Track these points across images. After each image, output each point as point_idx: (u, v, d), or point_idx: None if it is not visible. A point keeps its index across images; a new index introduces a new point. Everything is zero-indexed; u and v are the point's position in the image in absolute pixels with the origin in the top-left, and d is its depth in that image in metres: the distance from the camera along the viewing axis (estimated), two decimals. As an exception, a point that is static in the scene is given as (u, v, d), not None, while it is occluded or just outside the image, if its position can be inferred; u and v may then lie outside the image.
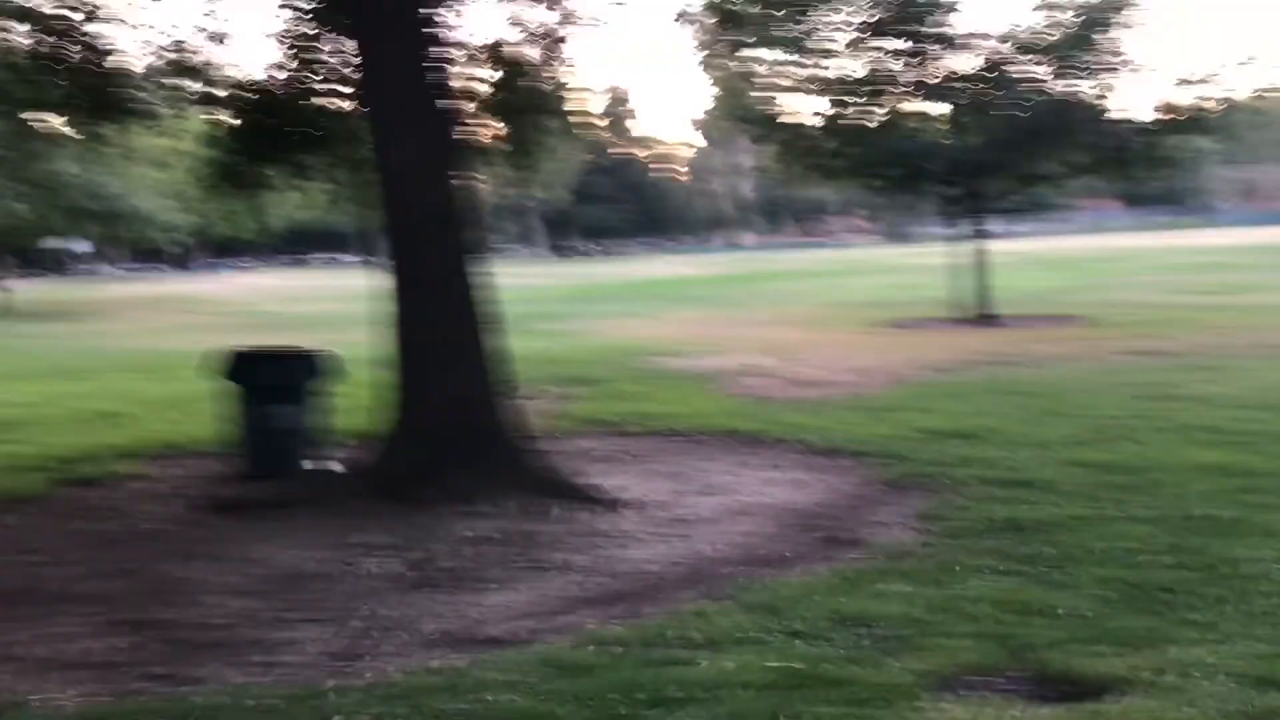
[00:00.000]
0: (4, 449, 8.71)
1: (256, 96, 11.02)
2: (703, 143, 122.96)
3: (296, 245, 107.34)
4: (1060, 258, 41.51)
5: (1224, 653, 3.72)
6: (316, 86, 10.97)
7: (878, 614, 4.31)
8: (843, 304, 24.83)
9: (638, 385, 11.88)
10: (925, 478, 6.83)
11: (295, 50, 10.97)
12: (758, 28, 17.06)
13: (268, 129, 11.07)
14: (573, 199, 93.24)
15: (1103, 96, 16.97)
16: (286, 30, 10.95)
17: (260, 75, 11.01)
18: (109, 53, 10.40)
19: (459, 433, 6.49)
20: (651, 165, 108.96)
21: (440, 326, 6.54)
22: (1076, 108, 16.86)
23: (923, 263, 47.93)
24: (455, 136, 6.84)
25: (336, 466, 7.68)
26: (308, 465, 7.48)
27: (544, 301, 29.60)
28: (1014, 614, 4.26)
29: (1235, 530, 5.20)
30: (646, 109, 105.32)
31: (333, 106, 11.16)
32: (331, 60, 11.06)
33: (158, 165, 33.38)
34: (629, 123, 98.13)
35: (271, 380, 7.37)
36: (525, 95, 11.35)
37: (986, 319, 18.05)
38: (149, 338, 22.32)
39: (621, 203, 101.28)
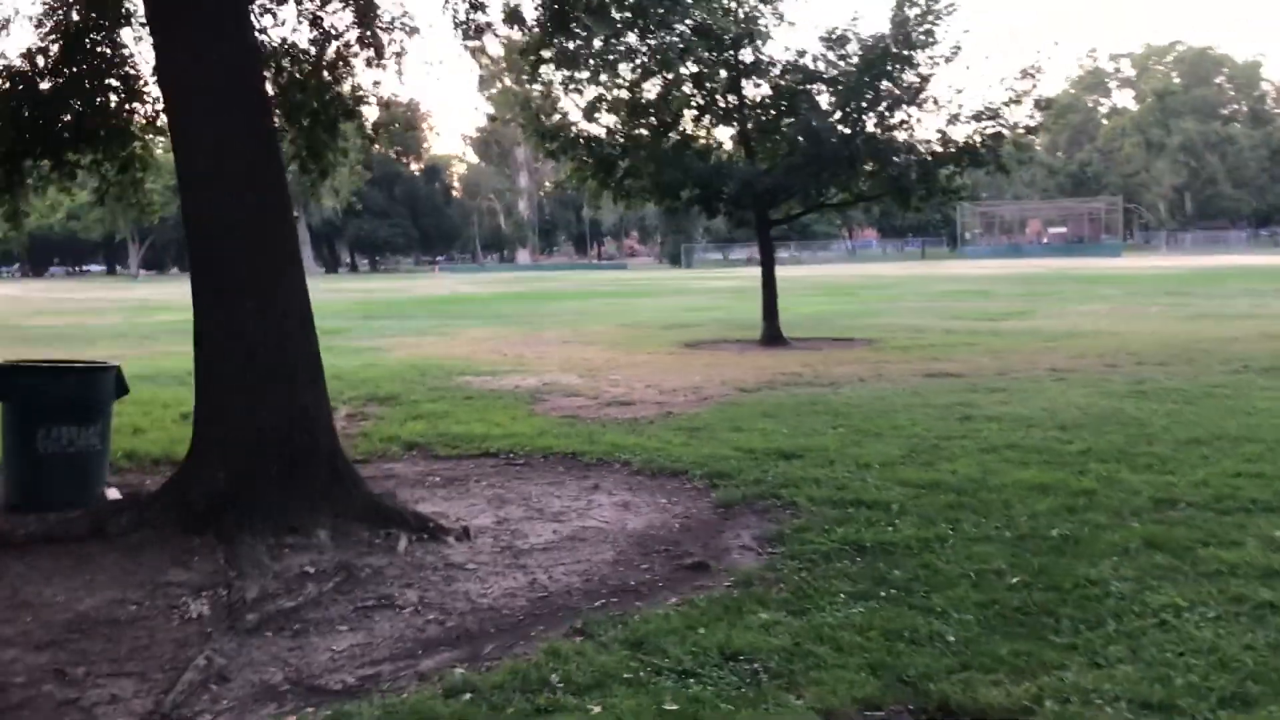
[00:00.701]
0: None
1: (16, 85, 10.03)
2: (477, 160, 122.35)
3: (33, 255, 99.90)
4: (829, 284, 43.26)
5: (1114, 677, 3.72)
6: (87, 81, 10.10)
7: (753, 646, 4.12)
8: (635, 324, 24.93)
9: (439, 404, 11.41)
10: (757, 499, 6.75)
11: (60, 38, 10.08)
12: (556, 45, 16.92)
13: (31, 122, 10.13)
14: (342, 211, 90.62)
15: (889, 128, 17.67)
16: (48, 13, 10.03)
17: (19, 62, 10.03)
18: None
19: (272, 455, 5.91)
20: (427, 180, 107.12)
21: (250, 337, 5.94)
22: (862, 138, 17.48)
23: (703, 285, 49.24)
24: (267, 134, 6.26)
25: (115, 494, 6.91)
26: (102, 493, 6.68)
27: (321, 316, 28.39)
28: (895, 642, 4.16)
29: (1074, 549, 5.32)
30: (422, 122, 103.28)
31: (100, 101, 10.31)
32: (102, 51, 10.24)
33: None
34: (407, 135, 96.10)
35: (50, 397, 6.52)
36: (319, 98, 10.79)
37: (775, 340, 18.43)
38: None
39: (394, 217, 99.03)
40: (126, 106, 10.58)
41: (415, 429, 9.82)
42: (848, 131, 17.65)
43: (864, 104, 17.65)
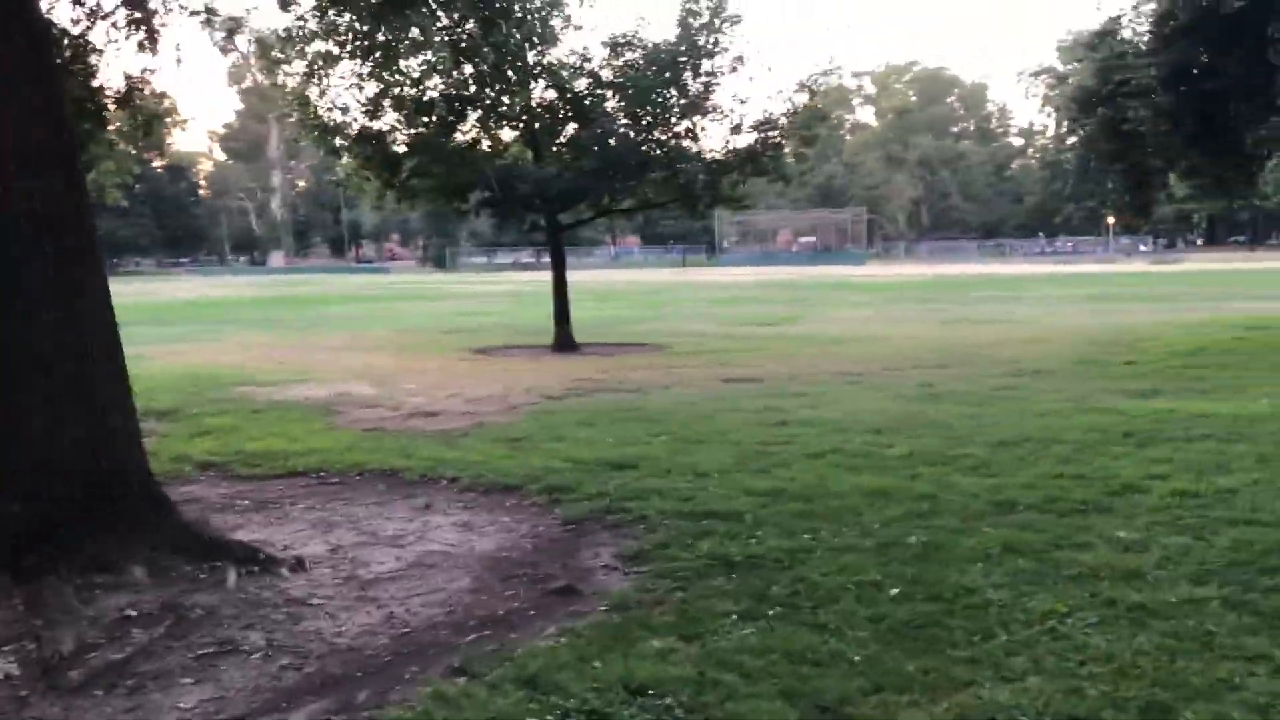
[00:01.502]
0: None
1: None
2: (224, 157, 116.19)
3: None
4: (599, 289, 43.57)
5: (1028, 691, 3.70)
6: None
7: (657, 679, 3.88)
8: (413, 329, 24.18)
9: (225, 418, 10.58)
10: (604, 513, 6.50)
11: None
12: (333, 38, 16.14)
13: None
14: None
15: (677, 135, 17.81)
16: None
17: None
18: None
19: (76, 483, 5.18)
20: (172, 178, 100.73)
21: (48, 351, 5.17)
22: (652, 144, 17.56)
23: (472, 290, 48.50)
24: (60, 119, 5.49)
25: None
26: None
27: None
28: (799, 665, 4.01)
29: (938, 556, 5.34)
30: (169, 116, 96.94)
31: None
32: None
33: None
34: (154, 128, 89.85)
35: None
36: (84, 84, 9.82)
37: (568, 346, 18.26)
38: None
39: (135, 216, 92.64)
40: None
41: (205, 446, 9.02)
42: (636, 138, 17.70)
43: (653, 110, 17.73)
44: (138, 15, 10.09)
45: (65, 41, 9.64)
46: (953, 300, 31.57)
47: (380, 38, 16.53)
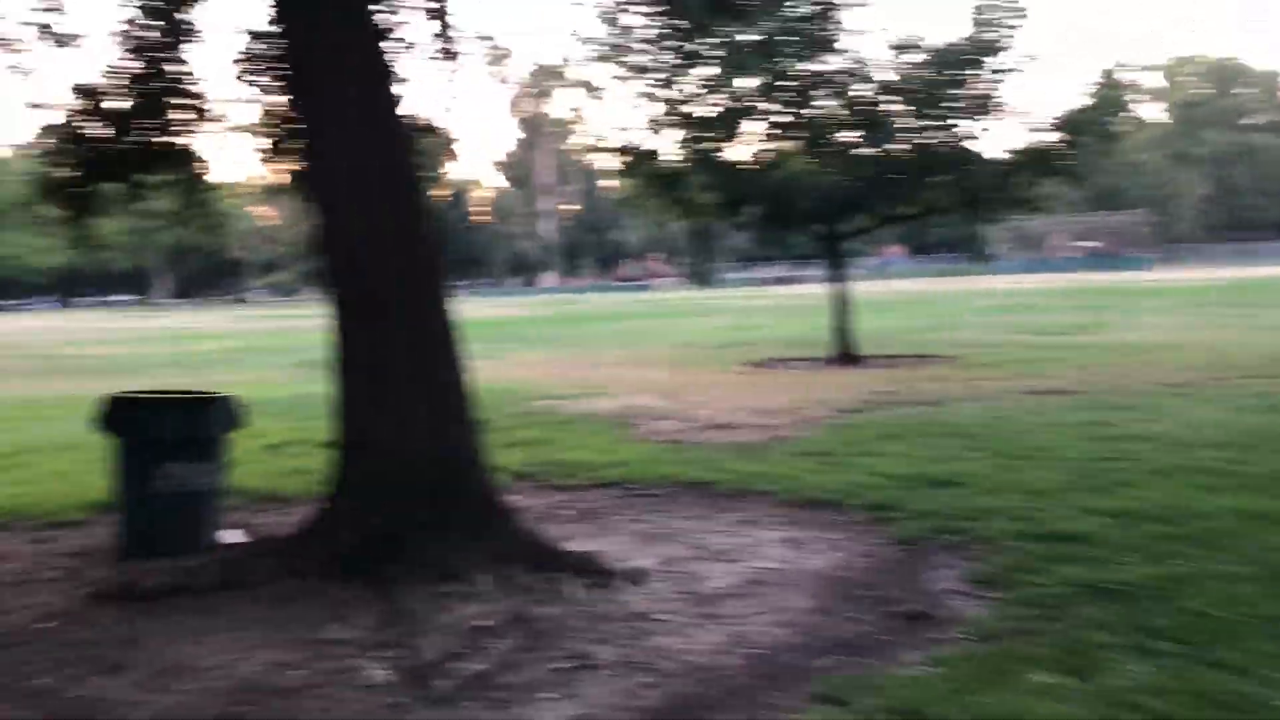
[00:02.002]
0: None
1: (95, 105, 9.65)
2: (504, 184, 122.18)
3: (64, 286, 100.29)
4: (870, 300, 42.55)
5: None
6: (157, 100, 9.68)
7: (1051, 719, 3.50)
8: (687, 344, 24.36)
9: (532, 430, 10.83)
10: (938, 533, 6.12)
11: (140, 54, 9.66)
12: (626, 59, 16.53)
13: (107, 142, 9.75)
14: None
15: (966, 138, 17.10)
16: (128, 32, 9.60)
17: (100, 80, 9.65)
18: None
19: (424, 492, 5.33)
20: (452, 206, 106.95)
21: (397, 363, 5.37)
22: (939, 149, 16.92)
23: (738, 304, 48.59)
24: (405, 141, 5.71)
25: (233, 536, 6.35)
26: (223, 538, 6.14)
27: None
28: (1209, 709, 3.54)
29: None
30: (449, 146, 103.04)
31: (167, 121, 9.91)
32: (170, 69, 9.83)
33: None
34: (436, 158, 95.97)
35: (168, 432, 5.96)
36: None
37: (849, 358, 17.82)
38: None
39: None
40: (191, 127, 10.16)
41: (518, 457, 9.23)
42: (920, 142, 17.11)
43: (938, 113, 17.08)
44: (446, 46, 10.57)
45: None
46: (1259, 305, 28.76)
47: (663, 56, 16.87)
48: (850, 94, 17.41)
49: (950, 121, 17.10)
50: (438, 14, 10.32)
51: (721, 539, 6.29)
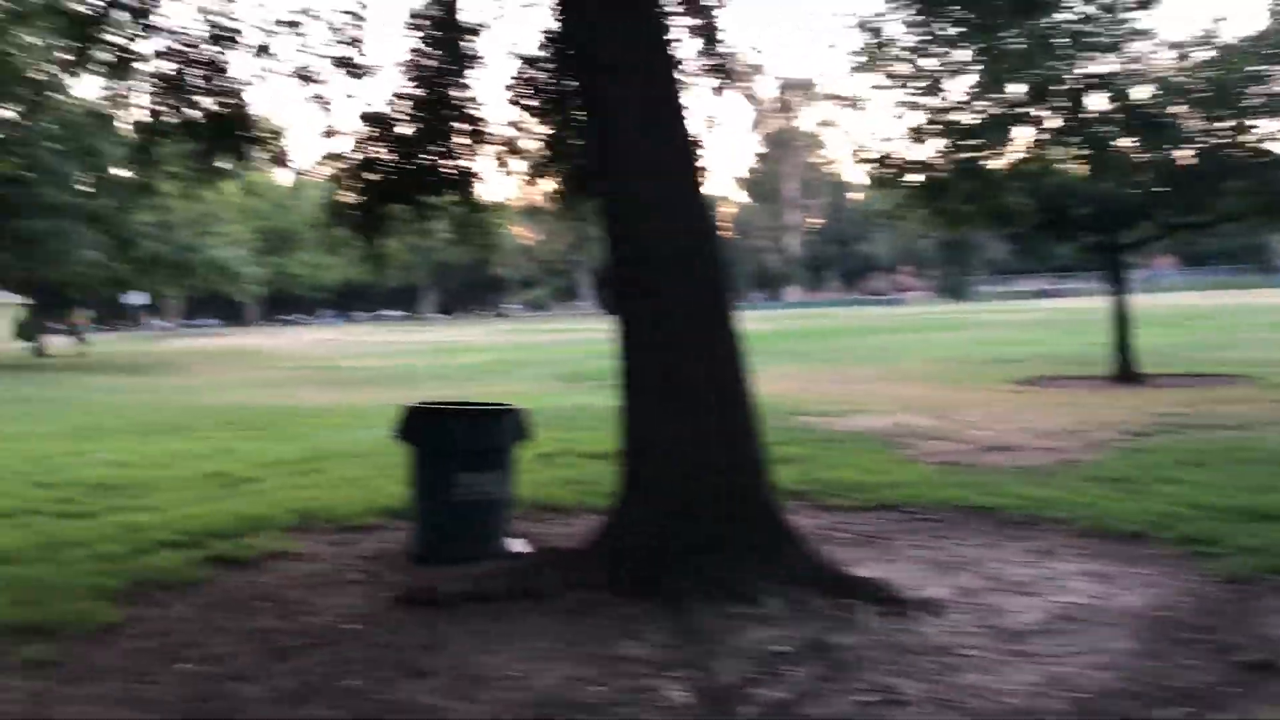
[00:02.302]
0: (126, 518, 7.56)
1: (382, 131, 10.17)
2: (745, 199, 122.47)
3: (340, 302, 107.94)
4: (1146, 314, 39.81)
5: None
6: (442, 126, 10.10)
7: None
8: (946, 360, 23.47)
9: (798, 448, 10.58)
10: (1274, 573, 5.49)
11: (424, 82, 10.12)
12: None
13: (394, 166, 10.27)
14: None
15: (1266, 139, 15.66)
16: (414, 61, 10.06)
17: (386, 108, 10.16)
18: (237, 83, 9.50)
19: (711, 507, 5.24)
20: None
21: (686, 373, 5.31)
22: (1232, 152, 15.56)
23: (996, 319, 46.53)
24: (692, 151, 5.65)
25: (519, 545, 6.46)
26: (509, 547, 6.27)
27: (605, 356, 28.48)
28: None
29: None
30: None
31: (451, 145, 10.33)
32: (454, 95, 10.22)
33: (229, 216, 33.03)
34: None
35: (463, 441, 6.14)
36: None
37: (1131, 377, 16.62)
38: (233, 392, 21.32)
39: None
40: (472, 150, 10.53)
41: (788, 475, 8.97)
42: (1210, 146, 15.78)
43: (1232, 114, 15.70)
44: (715, 63, 10.52)
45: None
46: None
47: (926, 62, 16.33)
48: (1130, 97, 16.27)
49: (1247, 122, 15.69)
50: (705, 30, 10.33)
51: (1018, 570, 5.87)
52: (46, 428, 14.32)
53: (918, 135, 17.07)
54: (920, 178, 16.91)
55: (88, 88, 31.37)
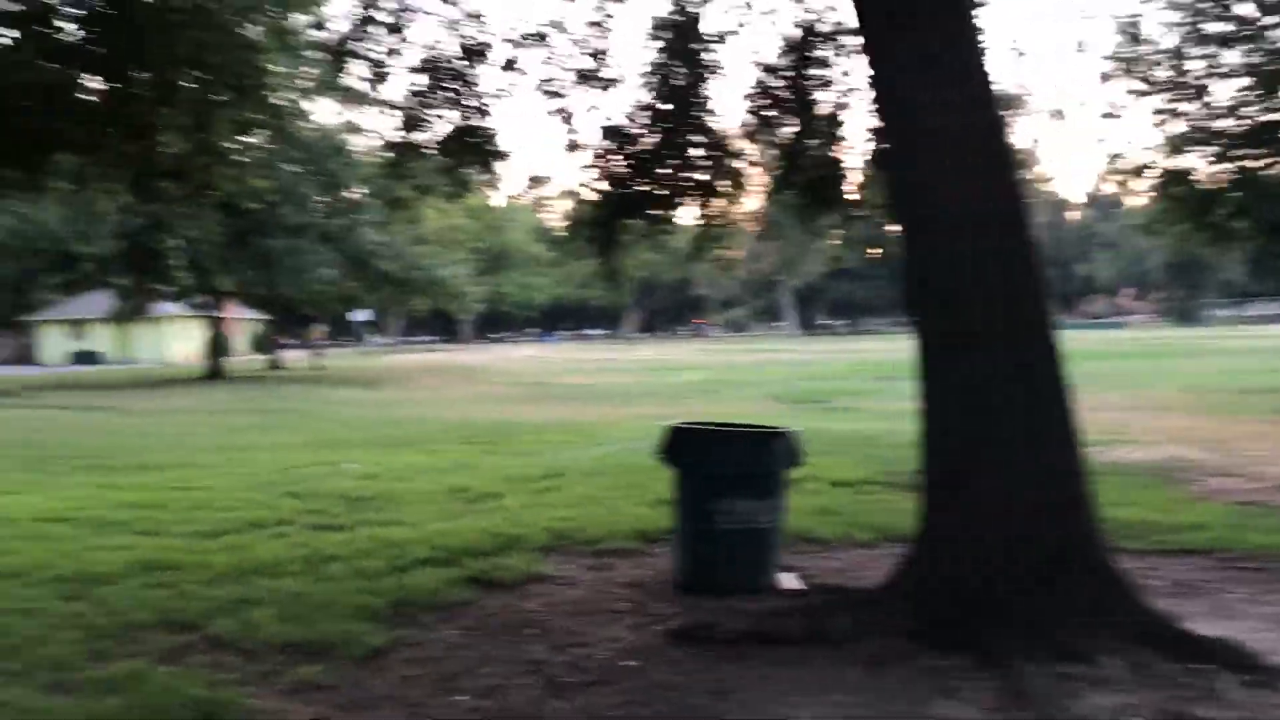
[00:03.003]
0: (379, 532, 7.50)
1: (621, 145, 9.96)
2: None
3: (546, 320, 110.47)
4: None
5: None
6: (680, 138, 9.80)
7: None
8: (1201, 389, 21.64)
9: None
10: None
11: (661, 95, 9.86)
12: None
13: (629, 181, 10.04)
14: (825, 274, 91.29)
15: None
16: (654, 73, 9.79)
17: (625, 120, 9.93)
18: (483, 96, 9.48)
19: (1031, 550, 4.62)
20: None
21: (998, 399, 4.71)
22: None
23: (1235, 345, 43.03)
24: (1008, 159, 5.04)
25: (792, 581, 5.98)
26: (780, 581, 5.82)
27: (831, 378, 27.72)
28: None
29: None
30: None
31: (691, 158, 10.02)
32: (694, 106, 9.90)
33: (451, 237, 34.08)
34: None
35: (734, 465, 5.72)
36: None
37: None
38: (457, 406, 21.77)
39: (874, 279, 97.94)
40: (711, 162, 10.19)
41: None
42: None
43: None
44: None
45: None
46: None
47: (1192, 65, 15.05)
48: None
49: None
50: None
51: (1395, 634, 4.98)
52: (290, 438, 14.82)
53: (1179, 145, 15.76)
54: (1184, 189, 15.57)
55: (325, 113, 33.00)
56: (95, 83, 9.05)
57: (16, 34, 8.59)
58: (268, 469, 11.12)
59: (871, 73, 5.44)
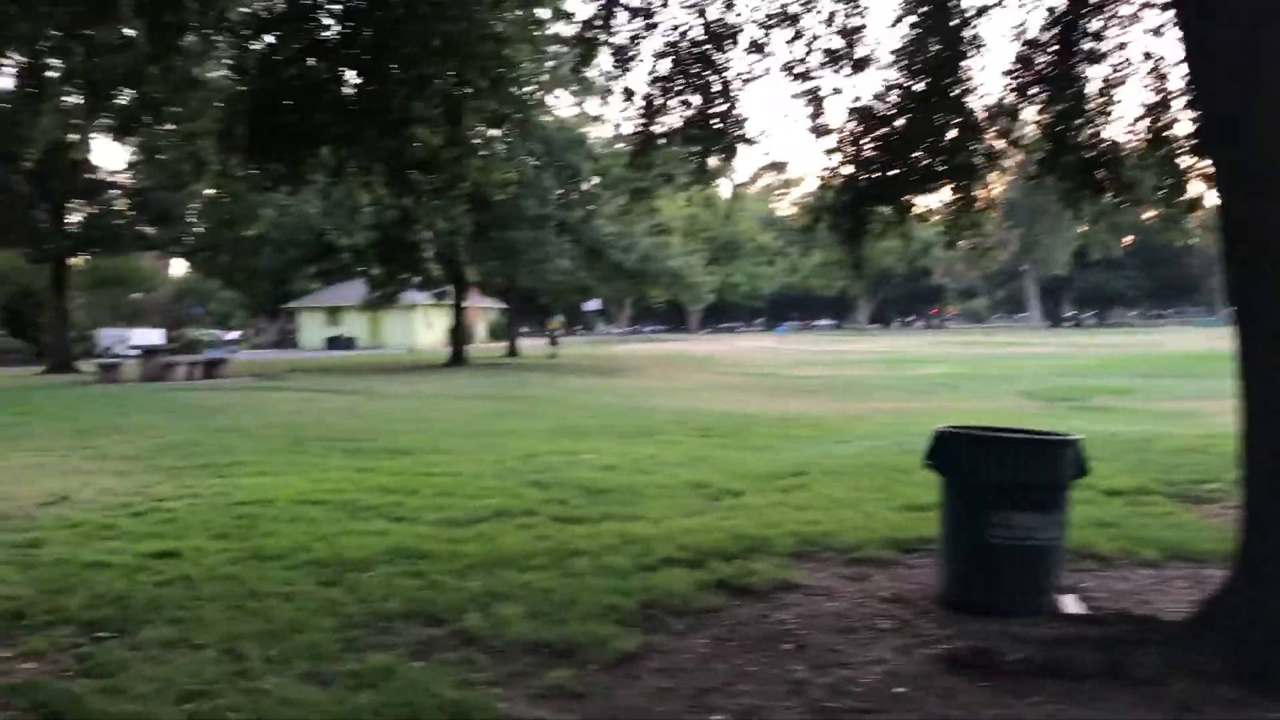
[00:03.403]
0: (622, 527, 7.33)
1: (870, 127, 9.46)
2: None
3: (772, 311, 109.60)
4: None
5: None
6: (934, 118, 9.18)
7: None
8: None
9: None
10: None
11: (919, 72, 9.27)
12: None
13: (883, 163, 9.53)
14: (1071, 263, 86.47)
15: None
16: (908, 50, 9.21)
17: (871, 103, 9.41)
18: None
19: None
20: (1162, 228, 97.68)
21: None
22: None
23: None
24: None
25: (1073, 604, 5.39)
26: (1060, 604, 5.26)
27: (1089, 374, 25.99)
28: None
29: None
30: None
31: (943, 139, 9.37)
32: (948, 85, 9.25)
33: (682, 227, 34.17)
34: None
35: (1013, 475, 5.19)
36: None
37: None
38: (689, 396, 21.69)
39: (1126, 269, 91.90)
40: (968, 143, 9.50)
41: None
42: None
43: None
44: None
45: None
46: None
47: None
48: None
49: None
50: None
51: None
52: (530, 424, 15.04)
53: None
54: None
55: (563, 105, 33.72)
56: (352, 78, 9.35)
57: (280, 32, 8.94)
58: (510, 456, 11.24)
59: (1184, 34, 4.77)
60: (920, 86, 9.23)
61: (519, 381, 27.30)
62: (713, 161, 9.78)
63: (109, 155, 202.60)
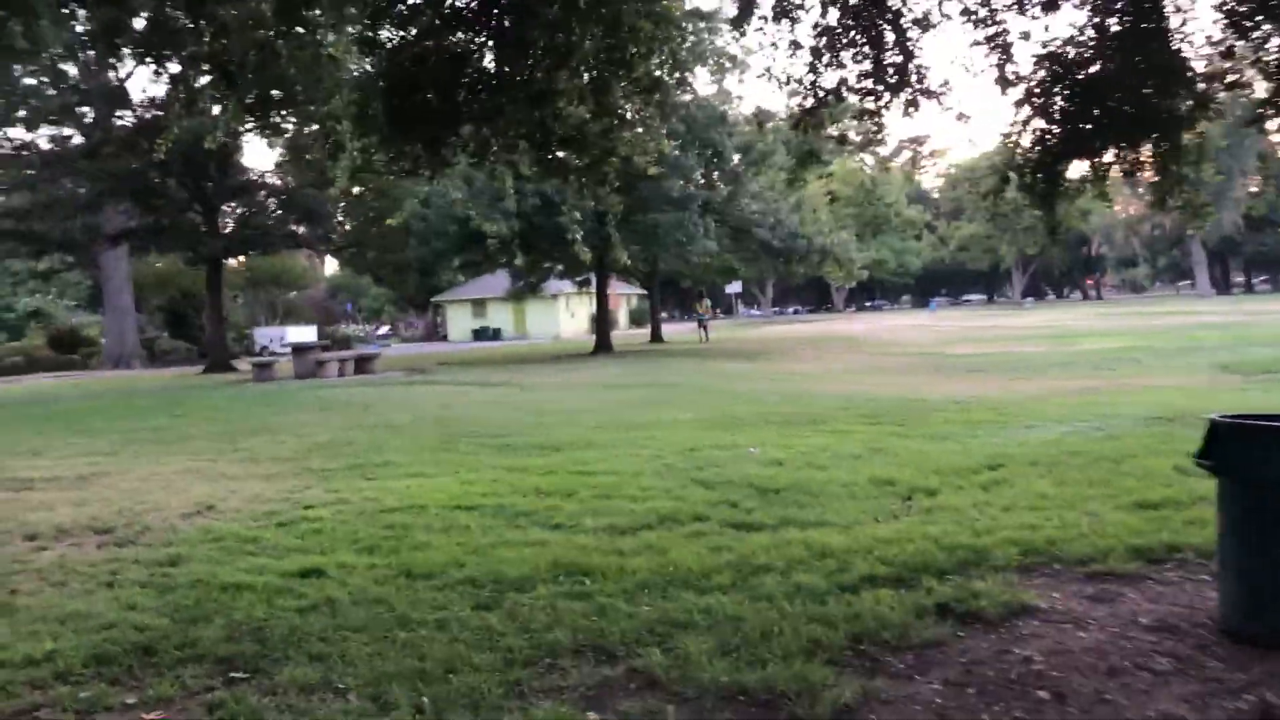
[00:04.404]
0: (807, 535, 6.43)
1: (1063, 73, 8.46)
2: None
3: (920, 287, 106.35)
4: None
5: None
6: (1149, 59, 8.08)
7: None
8: None
9: None
10: None
11: (1114, 12, 8.22)
12: None
13: (1077, 114, 8.53)
14: (1242, 226, 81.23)
15: None
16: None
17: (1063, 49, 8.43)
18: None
19: None
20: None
21: None
22: None
23: None
24: None
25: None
26: None
27: (1273, 343, 23.82)
28: None
29: None
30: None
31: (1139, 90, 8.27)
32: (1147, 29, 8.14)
33: (827, 204, 32.96)
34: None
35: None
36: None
37: None
38: (848, 379, 20.56)
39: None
40: (1174, 88, 8.34)
41: None
42: None
43: None
44: None
45: None
46: None
47: None
48: None
49: None
50: None
51: None
52: (683, 414, 14.23)
53: None
54: None
55: (705, 85, 32.80)
56: (491, 51, 8.70)
57: (413, 1, 8.33)
58: (669, 450, 10.45)
59: None
60: (1119, 27, 8.26)
61: (666, 368, 26.57)
62: (889, 119, 8.84)
63: (259, 157, 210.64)
